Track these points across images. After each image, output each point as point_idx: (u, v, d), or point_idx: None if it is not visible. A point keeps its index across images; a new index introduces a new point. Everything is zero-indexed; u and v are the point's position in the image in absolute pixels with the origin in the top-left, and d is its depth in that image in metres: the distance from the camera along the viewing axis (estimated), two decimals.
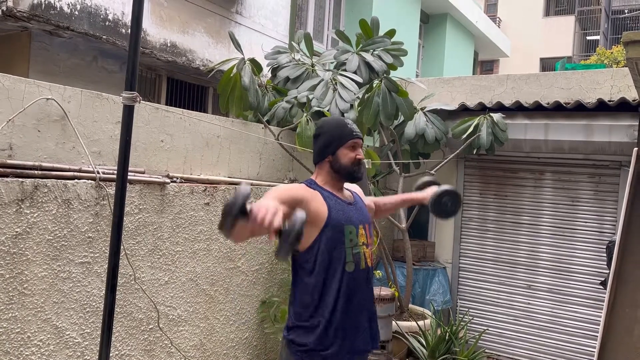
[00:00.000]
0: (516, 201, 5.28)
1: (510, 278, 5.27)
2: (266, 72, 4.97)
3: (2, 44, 5.20)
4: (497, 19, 23.05)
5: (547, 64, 22.49)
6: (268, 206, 1.64)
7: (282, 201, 2.05)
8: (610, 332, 3.15)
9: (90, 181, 2.69)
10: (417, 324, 4.57)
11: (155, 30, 5.69)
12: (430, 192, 2.61)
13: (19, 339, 2.44)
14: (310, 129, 4.00)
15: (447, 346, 4.42)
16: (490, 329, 5.25)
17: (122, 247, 2.51)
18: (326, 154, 2.27)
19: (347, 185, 2.40)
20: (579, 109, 4.62)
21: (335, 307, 2.14)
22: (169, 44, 5.86)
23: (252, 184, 3.83)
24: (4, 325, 2.38)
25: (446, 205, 2.50)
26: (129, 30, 2.25)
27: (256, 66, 4.16)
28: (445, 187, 2.55)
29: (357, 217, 2.29)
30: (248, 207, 1.59)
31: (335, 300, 2.14)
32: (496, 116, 4.70)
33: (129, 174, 2.37)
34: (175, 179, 3.23)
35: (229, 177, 3.72)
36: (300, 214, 1.67)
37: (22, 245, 2.41)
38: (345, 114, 4.23)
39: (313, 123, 4.09)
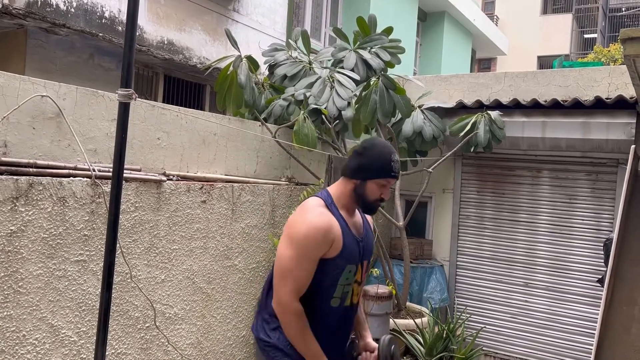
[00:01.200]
0: (514, 199, 5.27)
1: (508, 276, 5.27)
2: (263, 69, 4.96)
3: None
4: (495, 17, 23.06)
5: (545, 62, 22.51)
6: None
7: (315, 261, 2.06)
8: (608, 330, 3.15)
9: (85, 179, 2.68)
10: (415, 321, 4.57)
11: (152, 28, 5.67)
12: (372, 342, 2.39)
13: (14, 337, 2.42)
14: (308, 127, 3.99)
15: (445, 344, 4.42)
16: (487, 326, 5.25)
17: (118, 245, 2.50)
18: (356, 177, 2.16)
19: None
20: (576, 107, 4.62)
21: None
22: (165, 42, 5.84)
23: (249, 182, 3.82)
24: None
25: (395, 355, 2.29)
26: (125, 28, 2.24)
27: (253, 64, 4.15)
28: (389, 337, 2.35)
29: (361, 255, 2.23)
30: None
31: (311, 326, 2.10)
32: (494, 114, 4.70)
33: (125, 171, 2.36)
34: (171, 176, 3.22)
35: (225, 175, 3.71)
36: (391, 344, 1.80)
37: (17, 244, 2.40)
38: (342, 112, 4.22)
39: (311, 121, 4.08)
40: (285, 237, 2.11)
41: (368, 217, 2.40)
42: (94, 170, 2.70)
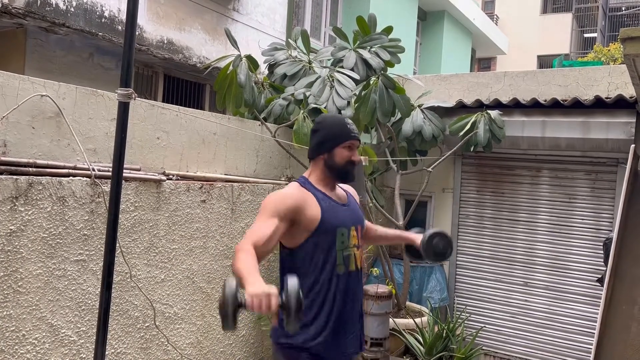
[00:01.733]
0: (513, 198, 5.27)
1: (508, 275, 5.27)
2: (263, 69, 4.95)
3: None
4: (495, 17, 23.05)
5: (545, 62, 22.50)
6: (261, 292, 1.62)
7: (280, 218, 2.06)
8: (607, 329, 3.15)
9: (85, 178, 2.67)
10: (414, 321, 4.57)
11: (151, 27, 5.67)
12: (422, 235, 2.53)
13: (14, 337, 2.42)
14: (307, 126, 3.99)
15: (444, 343, 4.42)
16: (487, 326, 5.25)
17: (117, 244, 2.50)
18: (322, 151, 2.25)
19: (341, 184, 2.39)
20: (576, 106, 4.62)
21: (325, 309, 2.14)
22: (165, 41, 5.84)
23: (248, 182, 3.81)
24: None
25: (437, 246, 2.43)
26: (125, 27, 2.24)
27: (253, 63, 4.14)
28: (436, 229, 2.50)
29: (350, 218, 2.27)
30: (241, 300, 1.61)
31: (325, 301, 2.14)
32: (493, 113, 4.70)
33: (125, 171, 2.36)
34: (171, 176, 3.22)
35: (225, 174, 3.70)
36: (292, 285, 1.66)
37: (16, 243, 2.40)
38: (342, 111, 4.21)
39: (310, 119, 4.08)
40: None
41: (350, 190, 2.46)
42: (93, 170, 2.70)
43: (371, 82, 4.25)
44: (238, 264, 1.86)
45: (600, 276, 4.07)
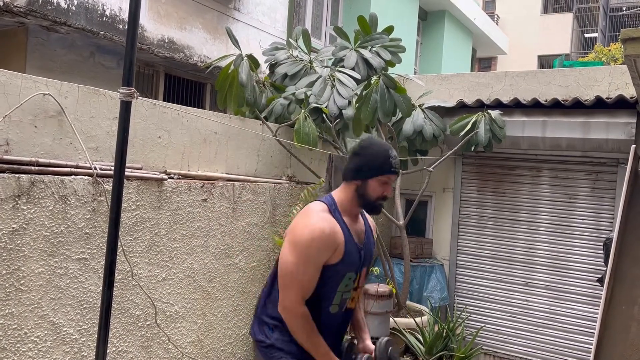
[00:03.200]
0: (514, 198, 5.28)
1: (508, 275, 5.28)
2: (264, 68, 4.95)
3: None
4: (495, 16, 23.05)
5: (545, 62, 22.50)
6: None
7: (320, 263, 2.05)
8: (607, 329, 3.15)
9: (87, 177, 2.68)
10: (415, 320, 4.58)
11: (152, 26, 5.67)
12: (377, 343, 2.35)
13: (16, 335, 2.43)
14: (308, 126, 3.99)
15: (445, 343, 4.43)
16: (487, 325, 5.26)
17: (119, 243, 2.50)
18: (357, 177, 2.15)
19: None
20: (576, 106, 4.63)
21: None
22: (166, 40, 5.84)
23: (249, 181, 3.82)
24: (1, 322, 2.37)
25: (393, 355, 2.29)
26: (127, 26, 2.24)
27: (254, 62, 4.15)
28: (388, 338, 2.33)
29: (361, 262, 2.22)
30: None
31: None
32: (494, 113, 4.70)
33: (126, 170, 2.36)
34: (172, 175, 3.23)
35: (226, 173, 3.71)
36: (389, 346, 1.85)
37: (18, 242, 2.41)
38: (343, 111, 4.22)
39: (312, 119, 4.08)
40: (288, 242, 2.10)
41: (371, 222, 2.39)
42: (95, 169, 2.71)
43: (372, 82, 4.26)
44: (312, 339, 2.05)
45: (600, 276, 4.07)
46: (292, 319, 2.06)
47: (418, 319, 4.62)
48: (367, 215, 2.36)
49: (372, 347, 2.34)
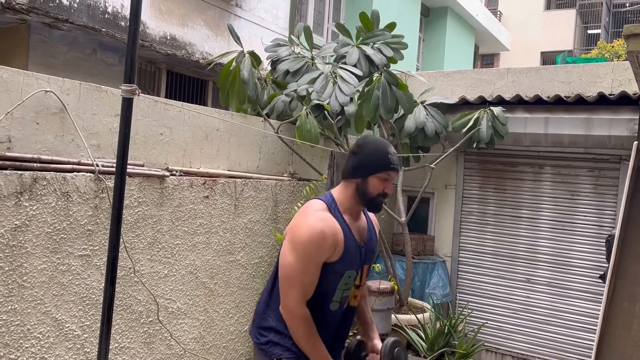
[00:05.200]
0: (516, 195, 5.27)
1: (510, 272, 5.27)
2: (266, 65, 4.95)
3: (0, 37, 5.18)
4: (498, 13, 22.97)
5: (548, 58, 22.43)
6: None
7: (320, 263, 2.05)
8: (609, 326, 3.15)
9: (89, 174, 2.69)
10: (417, 317, 4.58)
11: (154, 23, 5.67)
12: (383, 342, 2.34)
13: (19, 331, 2.44)
14: (310, 123, 3.99)
15: (446, 339, 4.44)
16: (489, 322, 5.26)
17: (121, 240, 2.51)
18: (356, 176, 2.14)
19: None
20: (579, 103, 4.61)
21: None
22: (168, 37, 5.84)
23: (251, 178, 3.82)
24: (4, 318, 2.38)
25: (399, 357, 2.26)
26: (128, 23, 2.24)
27: (255, 59, 4.14)
28: (395, 338, 2.31)
29: (363, 259, 2.22)
30: None
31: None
32: (496, 110, 4.69)
33: (128, 167, 2.37)
34: (174, 172, 3.23)
35: (228, 170, 3.71)
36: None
37: (21, 238, 2.41)
38: (345, 107, 4.22)
39: (313, 116, 4.08)
40: (288, 241, 2.10)
41: (373, 219, 2.38)
42: (97, 166, 2.71)
43: (374, 79, 4.25)
44: (310, 342, 2.05)
45: (602, 273, 4.07)
46: (293, 320, 2.07)
47: (420, 316, 4.62)
48: (369, 213, 2.35)
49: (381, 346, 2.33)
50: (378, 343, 2.38)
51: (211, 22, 6.41)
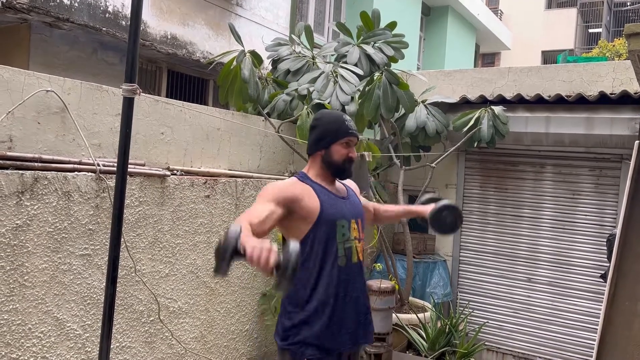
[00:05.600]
0: (517, 194, 5.27)
1: (511, 271, 5.27)
2: (267, 64, 4.95)
3: (1, 36, 5.18)
4: (499, 12, 22.95)
5: (549, 57, 22.42)
6: (262, 246, 1.57)
7: (277, 203, 2.07)
8: (610, 325, 3.15)
9: (90, 173, 2.69)
10: (417, 316, 4.58)
11: (155, 23, 5.67)
12: (431, 206, 2.58)
13: (20, 330, 2.44)
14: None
15: (447, 339, 4.44)
16: (490, 321, 5.26)
17: (122, 239, 2.51)
18: (319, 147, 2.27)
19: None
20: (580, 102, 4.61)
21: (328, 301, 2.14)
22: (169, 36, 5.84)
23: (252, 177, 3.82)
24: (5, 317, 2.38)
25: (445, 219, 2.48)
26: (129, 22, 2.24)
27: (256, 58, 4.14)
28: (445, 201, 2.53)
29: (349, 211, 2.28)
30: (241, 247, 1.58)
31: (328, 294, 2.15)
32: (497, 109, 4.69)
33: (129, 166, 2.37)
34: (175, 171, 3.23)
35: (229, 169, 3.71)
36: (293, 247, 1.60)
37: (22, 238, 2.42)
38: (346, 107, 4.22)
39: (313, 115, 4.08)
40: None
41: (351, 185, 2.47)
42: (98, 165, 2.71)
43: (375, 78, 4.25)
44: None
45: (603, 272, 4.07)
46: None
47: (421, 315, 4.62)
48: (345, 182, 2.44)
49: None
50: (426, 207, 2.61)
51: (212, 21, 6.41)
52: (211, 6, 6.38)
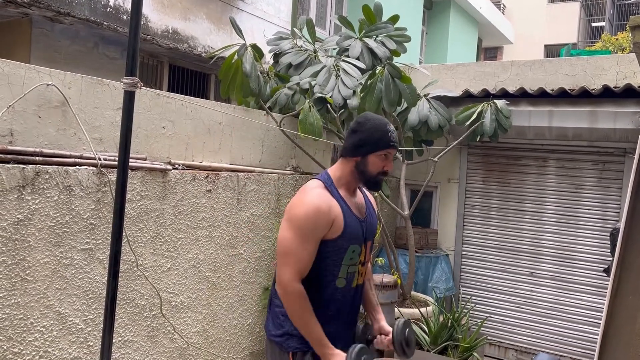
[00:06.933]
0: (519, 188, 5.25)
1: (513, 265, 5.26)
2: (268, 58, 4.93)
3: (2, 31, 5.17)
4: (502, 6, 22.82)
5: (552, 51, 22.31)
6: None
7: (316, 239, 2.04)
8: (613, 320, 3.14)
9: (91, 168, 2.68)
10: (420, 311, 4.58)
11: (156, 17, 5.65)
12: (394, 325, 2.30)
13: (22, 325, 2.44)
14: (313, 116, 3.97)
15: (450, 333, 4.43)
16: (492, 316, 5.26)
17: (124, 233, 2.50)
18: (356, 154, 2.14)
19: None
20: (583, 96, 4.58)
21: (318, 315, 2.09)
22: (170, 31, 5.82)
23: (254, 171, 3.81)
24: (7, 312, 2.38)
25: (410, 338, 2.24)
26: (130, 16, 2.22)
27: (258, 52, 4.12)
28: (405, 319, 2.30)
29: (364, 235, 2.22)
30: None
31: (319, 309, 2.10)
32: (500, 103, 4.66)
33: (131, 160, 2.36)
34: (177, 165, 3.22)
35: (231, 164, 3.70)
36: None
37: (24, 232, 2.41)
38: (347, 100, 4.20)
39: (316, 109, 4.06)
40: (285, 220, 2.11)
41: (370, 198, 2.39)
42: (99, 159, 2.70)
43: (377, 72, 4.23)
44: (305, 319, 2.03)
45: (606, 266, 4.05)
46: (288, 296, 2.04)
47: (423, 310, 4.62)
48: (365, 191, 2.36)
49: (388, 328, 2.33)
50: (385, 325, 2.37)
51: (213, 15, 6.38)
52: (212, 0, 6.36)
